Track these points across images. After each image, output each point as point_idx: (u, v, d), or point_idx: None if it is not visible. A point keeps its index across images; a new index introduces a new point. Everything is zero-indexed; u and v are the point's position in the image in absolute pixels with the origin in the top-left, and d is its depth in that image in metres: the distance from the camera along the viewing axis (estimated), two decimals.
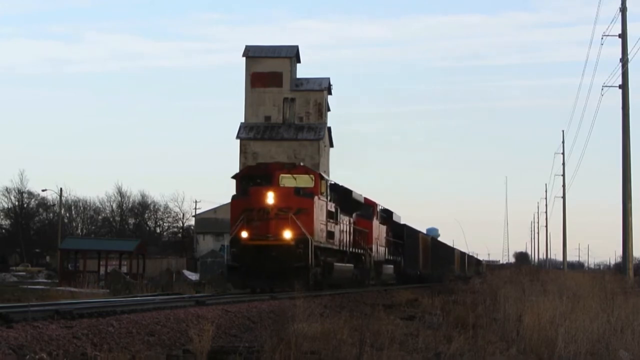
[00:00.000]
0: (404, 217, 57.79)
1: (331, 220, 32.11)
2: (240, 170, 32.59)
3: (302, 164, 32.89)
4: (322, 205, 30.74)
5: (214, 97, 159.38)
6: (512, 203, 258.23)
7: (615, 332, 14.18)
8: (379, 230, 43.68)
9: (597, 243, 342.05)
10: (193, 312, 17.15)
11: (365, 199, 40.51)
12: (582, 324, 13.87)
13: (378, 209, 43.88)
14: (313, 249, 28.95)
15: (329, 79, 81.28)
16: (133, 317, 15.06)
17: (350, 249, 35.95)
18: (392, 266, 48.02)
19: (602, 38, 46.26)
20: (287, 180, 30.17)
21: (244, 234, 28.90)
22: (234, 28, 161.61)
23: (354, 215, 37.61)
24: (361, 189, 40.90)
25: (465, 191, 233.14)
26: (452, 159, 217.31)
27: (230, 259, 30.68)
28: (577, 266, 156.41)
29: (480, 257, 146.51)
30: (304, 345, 12.31)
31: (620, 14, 43.41)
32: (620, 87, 42.89)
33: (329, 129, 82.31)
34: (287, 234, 28.68)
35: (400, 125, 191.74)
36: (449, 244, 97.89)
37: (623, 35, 43.21)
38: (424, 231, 77.67)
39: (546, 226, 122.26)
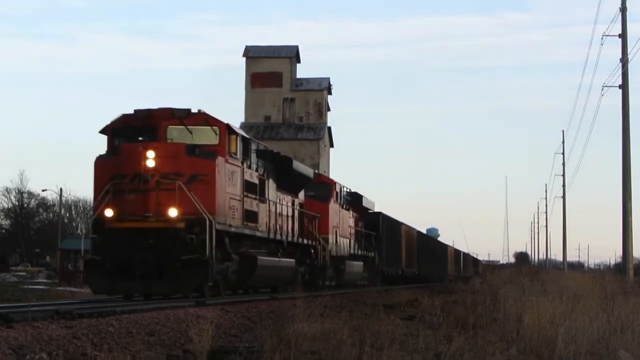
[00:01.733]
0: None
1: (252, 196, 23.28)
2: (112, 121, 21.95)
3: (201, 110, 21.76)
4: (232, 172, 21.84)
5: (214, 97, 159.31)
6: (512, 203, 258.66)
7: (615, 332, 14.18)
8: (339, 217, 35.19)
9: (597, 243, 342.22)
10: (193, 312, 17.15)
11: (320, 176, 34.77)
12: (582, 324, 13.86)
13: (338, 190, 35.27)
14: (214, 234, 20.23)
15: (329, 79, 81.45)
16: (133, 317, 15.07)
17: (293, 239, 27.64)
18: (361, 263, 38.98)
19: (602, 38, 46.39)
20: (179, 133, 21.41)
21: (109, 213, 20.33)
22: (234, 28, 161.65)
23: (300, 195, 29.75)
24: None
25: (465, 191, 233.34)
26: (452, 159, 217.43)
27: (90, 249, 20.98)
28: (577, 266, 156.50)
29: (480, 257, 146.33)
30: (304, 345, 12.32)
31: (620, 14, 43.45)
32: (620, 87, 42.93)
33: (329, 129, 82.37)
34: (173, 212, 20.07)
35: (400, 126, 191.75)
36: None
37: (623, 35, 43.25)
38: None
39: (546, 226, 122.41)
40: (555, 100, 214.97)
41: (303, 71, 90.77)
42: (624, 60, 42.81)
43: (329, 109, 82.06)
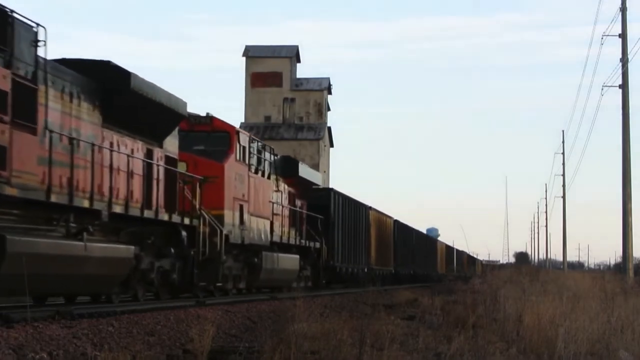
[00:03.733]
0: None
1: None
2: None
3: None
4: None
5: (214, 97, 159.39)
6: (512, 203, 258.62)
7: (615, 332, 14.19)
8: (250, 186, 24.60)
9: (597, 243, 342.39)
10: (193, 312, 17.17)
11: (215, 120, 23.76)
12: (582, 324, 13.87)
13: (246, 144, 24.44)
14: None
15: (329, 79, 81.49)
16: (133, 317, 15.08)
17: (142, 213, 17.88)
18: (296, 257, 28.98)
19: (602, 38, 46.37)
20: None
21: None
22: (233, 28, 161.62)
23: (169, 144, 19.80)
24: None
25: (465, 191, 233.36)
26: (452, 159, 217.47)
27: None
28: (577, 266, 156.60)
29: (480, 257, 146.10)
30: (304, 345, 12.31)
31: (620, 14, 43.45)
32: (620, 87, 42.92)
33: (329, 128, 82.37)
34: None
35: (400, 126, 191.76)
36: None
37: (623, 35, 43.23)
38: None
39: (546, 226, 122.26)
40: (555, 100, 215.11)
41: (303, 71, 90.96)
42: (624, 60, 42.80)
43: (329, 109, 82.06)
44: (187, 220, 20.22)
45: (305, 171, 32.09)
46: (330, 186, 48.26)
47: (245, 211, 24.24)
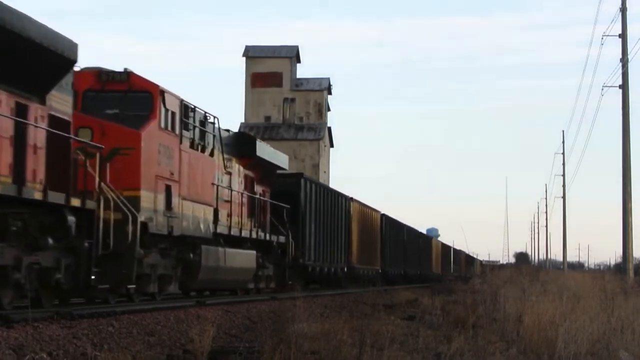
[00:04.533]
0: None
1: None
2: None
3: None
4: None
5: (214, 97, 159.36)
6: (512, 203, 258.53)
7: (615, 332, 14.18)
8: (182, 161, 19.79)
9: (597, 243, 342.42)
10: (193, 313, 17.17)
11: (132, 75, 18.93)
12: (582, 324, 13.87)
13: (175, 108, 19.48)
14: None
15: (329, 79, 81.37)
16: (133, 317, 15.09)
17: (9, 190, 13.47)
18: (252, 253, 24.50)
19: (602, 38, 46.38)
20: None
21: None
22: (233, 28, 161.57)
23: (52, 99, 14.96)
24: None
25: (465, 191, 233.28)
26: (452, 159, 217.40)
27: None
28: (577, 266, 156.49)
29: (481, 257, 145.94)
30: (304, 345, 12.31)
31: (620, 14, 43.44)
32: (620, 87, 42.90)
33: (329, 129, 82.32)
34: None
35: (400, 126, 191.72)
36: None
37: (623, 35, 43.22)
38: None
39: (546, 226, 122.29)
40: (555, 100, 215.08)
41: (303, 71, 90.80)
42: (624, 60, 42.78)
43: (329, 109, 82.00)
44: (76, 202, 14.95)
45: (265, 151, 26.61)
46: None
47: (174, 194, 19.11)
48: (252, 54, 79.03)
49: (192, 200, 20.40)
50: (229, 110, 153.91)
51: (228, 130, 24.50)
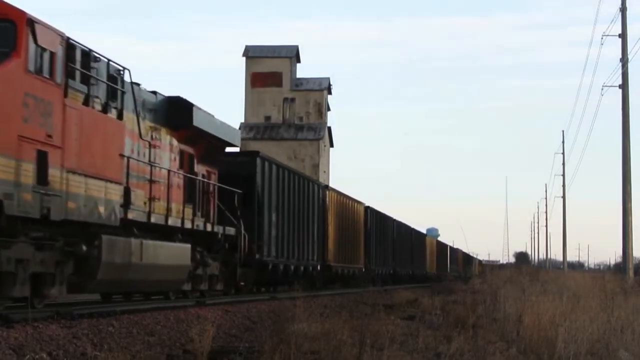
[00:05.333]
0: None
1: None
2: None
3: None
4: None
5: (214, 97, 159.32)
6: (512, 203, 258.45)
7: (615, 332, 14.18)
8: (68, 122, 14.93)
9: (597, 243, 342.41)
10: (193, 312, 17.17)
11: None
12: (582, 324, 13.87)
13: (47, 44, 14.35)
14: None
15: (329, 78, 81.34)
16: (133, 317, 15.09)
17: None
18: (185, 246, 20.07)
19: (602, 38, 46.44)
20: None
21: None
22: (233, 28, 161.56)
23: None
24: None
25: (465, 191, 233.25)
26: (452, 159, 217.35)
27: None
28: (577, 266, 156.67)
29: (481, 257, 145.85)
30: (304, 345, 12.31)
31: (620, 14, 43.44)
32: (620, 87, 42.89)
33: (329, 128, 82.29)
34: None
35: (400, 126, 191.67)
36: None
37: (623, 35, 43.22)
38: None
39: (546, 226, 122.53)
40: (555, 100, 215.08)
41: (303, 71, 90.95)
42: (624, 60, 42.78)
43: (329, 109, 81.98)
44: None
45: (208, 122, 21.31)
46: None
47: (54, 164, 14.49)
48: (252, 53, 79.00)
49: (86, 175, 15.53)
50: (229, 110, 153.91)
51: (155, 93, 19.75)
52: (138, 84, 18.58)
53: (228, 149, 24.66)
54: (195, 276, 21.41)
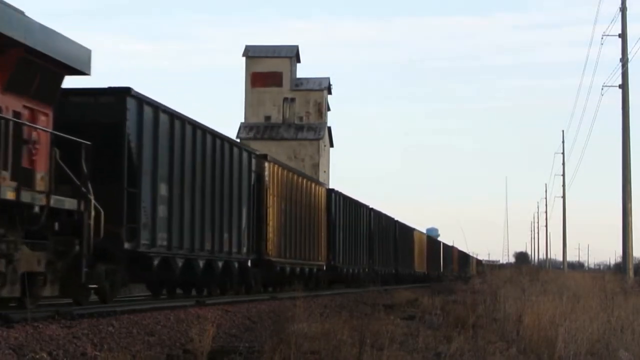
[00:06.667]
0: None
1: None
2: None
3: None
4: None
5: (214, 97, 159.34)
6: (512, 203, 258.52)
7: (615, 332, 14.18)
8: None
9: (597, 243, 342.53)
10: (193, 312, 17.17)
11: None
12: (582, 323, 13.87)
13: None
14: None
15: (329, 78, 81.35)
16: (133, 317, 15.09)
17: None
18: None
19: (602, 38, 46.51)
20: None
21: None
22: (233, 28, 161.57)
23: None
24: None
25: (465, 191, 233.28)
26: (452, 159, 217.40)
27: None
28: (577, 266, 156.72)
29: (481, 257, 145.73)
30: (304, 345, 12.31)
31: (620, 13, 43.46)
32: (620, 87, 42.92)
33: (329, 128, 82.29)
34: None
35: (400, 126, 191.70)
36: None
37: (623, 35, 43.25)
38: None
39: (546, 226, 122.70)
40: (555, 100, 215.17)
41: (303, 71, 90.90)
42: (624, 60, 42.79)
43: (329, 109, 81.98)
44: None
45: (21, 26, 12.87)
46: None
47: None
48: (252, 53, 79.00)
49: None
50: (229, 110, 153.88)
51: None
52: None
53: (75, 81, 15.98)
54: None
